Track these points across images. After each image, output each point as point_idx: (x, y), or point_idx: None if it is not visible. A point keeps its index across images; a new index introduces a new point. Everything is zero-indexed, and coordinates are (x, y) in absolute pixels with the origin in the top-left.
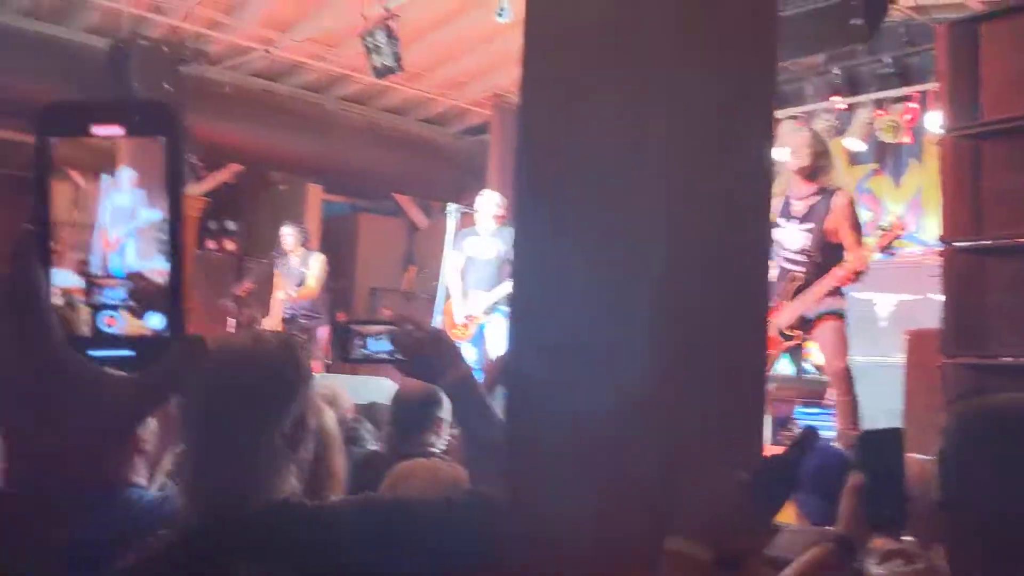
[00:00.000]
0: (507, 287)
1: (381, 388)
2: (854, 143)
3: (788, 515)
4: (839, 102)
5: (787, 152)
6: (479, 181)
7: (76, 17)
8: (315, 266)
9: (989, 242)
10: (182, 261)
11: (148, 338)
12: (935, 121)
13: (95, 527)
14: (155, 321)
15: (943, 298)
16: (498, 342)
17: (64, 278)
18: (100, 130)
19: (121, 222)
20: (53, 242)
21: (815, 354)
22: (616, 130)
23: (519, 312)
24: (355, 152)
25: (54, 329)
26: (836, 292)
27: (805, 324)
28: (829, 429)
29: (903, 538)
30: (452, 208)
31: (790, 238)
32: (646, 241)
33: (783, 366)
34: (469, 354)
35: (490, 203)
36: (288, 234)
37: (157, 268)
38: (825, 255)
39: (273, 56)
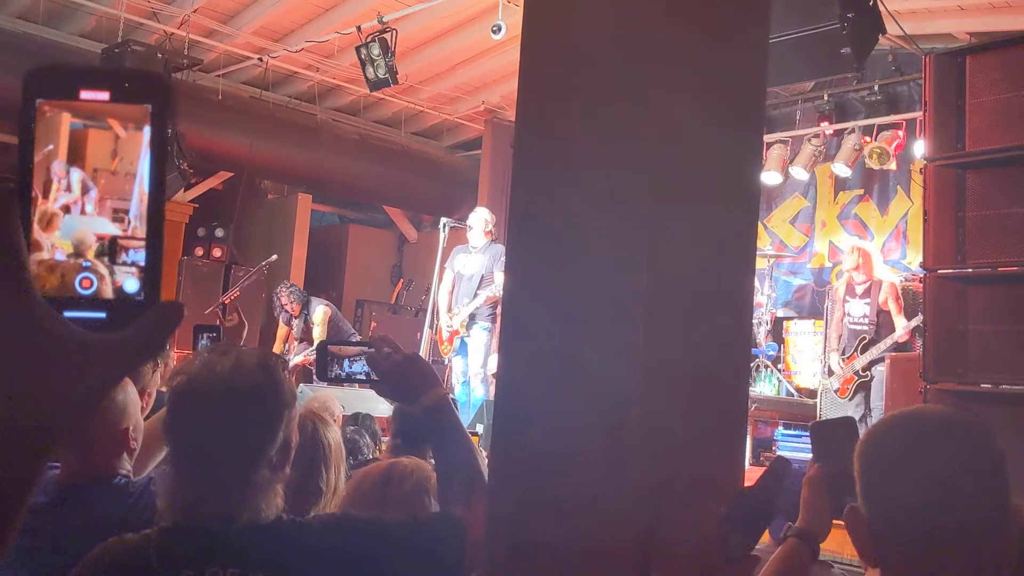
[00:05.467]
0: (481, 298)
1: (364, 398)
2: (841, 168)
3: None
4: (827, 128)
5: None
6: (470, 196)
7: (72, 21)
8: (319, 323)
9: (970, 270)
10: (161, 229)
11: (122, 301)
12: (921, 149)
13: (89, 511)
14: (131, 285)
15: (924, 324)
16: (478, 354)
17: (100, 225)
18: (88, 95)
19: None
20: (34, 201)
21: (797, 377)
22: (609, 152)
23: (510, 329)
24: (346, 163)
25: (33, 289)
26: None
27: (874, 364)
28: (809, 451)
29: None
30: (444, 222)
31: (855, 309)
32: (635, 264)
33: (764, 387)
34: (459, 366)
35: (479, 219)
36: (289, 302)
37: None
38: (880, 320)
39: (267, 65)
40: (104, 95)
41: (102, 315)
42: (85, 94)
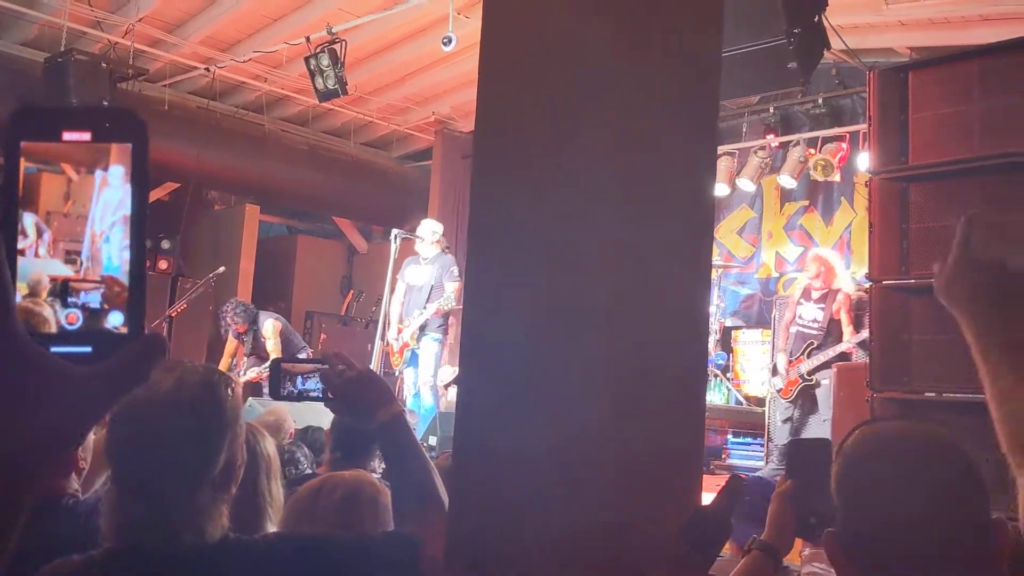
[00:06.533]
0: (431, 310)
1: (318, 411)
2: (787, 180)
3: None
4: (773, 140)
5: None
6: (420, 206)
7: (13, 30)
8: (271, 336)
9: (913, 281)
10: (144, 261)
11: (107, 335)
12: (864, 161)
13: (39, 532)
14: (115, 319)
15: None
16: (429, 364)
17: (53, 267)
18: (71, 135)
19: (108, 215)
20: (20, 242)
21: (746, 386)
22: (570, 164)
23: (470, 341)
24: (294, 173)
25: (18, 324)
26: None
27: (818, 370)
28: (759, 459)
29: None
30: (395, 233)
31: (807, 312)
32: (595, 274)
33: (714, 396)
34: (410, 378)
35: (427, 230)
36: (234, 320)
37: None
38: (830, 326)
39: (214, 75)
40: (86, 135)
41: (88, 349)
42: (68, 135)
